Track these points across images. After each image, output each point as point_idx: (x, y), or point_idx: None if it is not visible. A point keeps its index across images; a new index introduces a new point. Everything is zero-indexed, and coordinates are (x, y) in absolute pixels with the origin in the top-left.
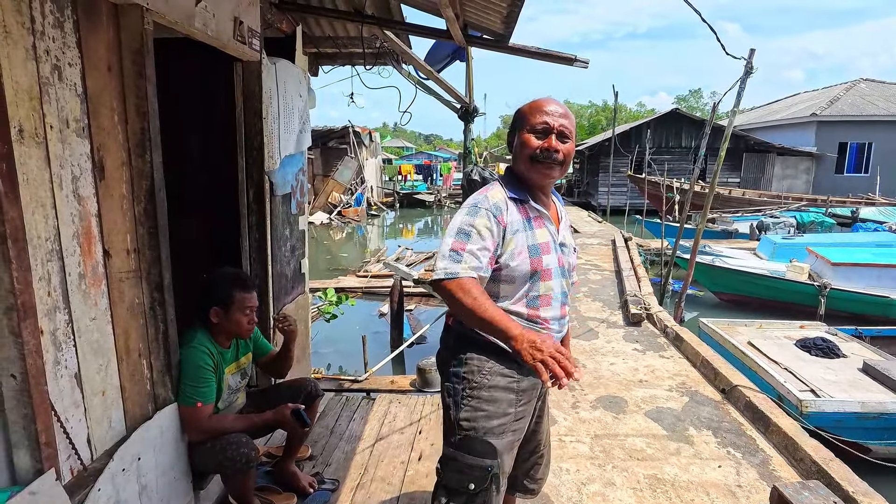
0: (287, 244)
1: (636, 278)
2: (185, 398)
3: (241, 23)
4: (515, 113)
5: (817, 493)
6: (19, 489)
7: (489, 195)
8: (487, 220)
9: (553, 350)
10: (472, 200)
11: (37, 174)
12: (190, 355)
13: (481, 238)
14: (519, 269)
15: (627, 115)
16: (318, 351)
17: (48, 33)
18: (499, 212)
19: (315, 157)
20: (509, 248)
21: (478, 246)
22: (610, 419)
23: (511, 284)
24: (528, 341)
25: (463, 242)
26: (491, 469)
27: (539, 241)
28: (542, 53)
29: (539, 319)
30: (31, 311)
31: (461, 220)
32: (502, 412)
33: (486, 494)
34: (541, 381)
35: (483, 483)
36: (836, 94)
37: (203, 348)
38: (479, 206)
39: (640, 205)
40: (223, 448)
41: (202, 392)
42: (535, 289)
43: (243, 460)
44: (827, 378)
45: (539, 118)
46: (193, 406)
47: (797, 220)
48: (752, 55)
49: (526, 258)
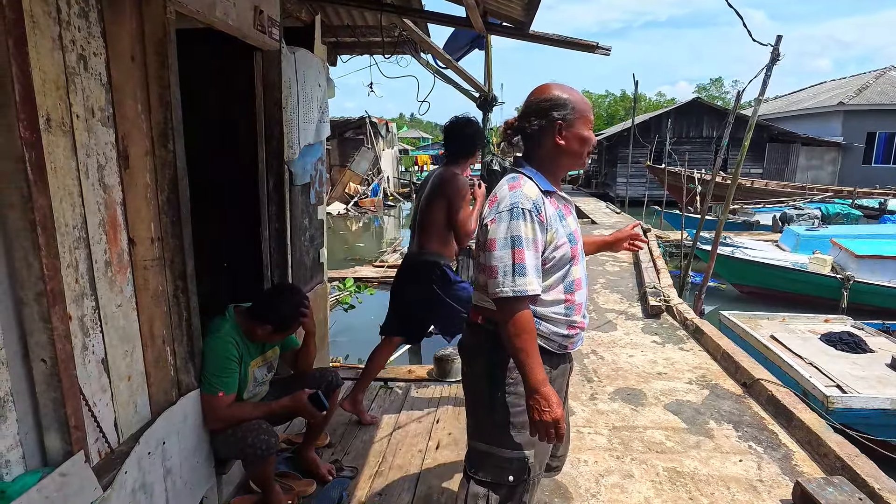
0: (306, 234)
1: (655, 270)
2: (208, 386)
3: (262, 12)
4: (562, 103)
5: (842, 490)
6: (50, 470)
7: (526, 192)
8: (533, 223)
9: (560, 414)
10: (509, 200)
11: (64, 163)
12: (216, 345)
13: (536, 242)
14: (563, 259)
15: (647, 105)
16: (336, 340)
17: (74, 23)
18: (539, 210)
19: (332, 147)
20: (553, 241)
21: (533, 254)
22: (628, 411)
23: (553, 274)
24: (543, 396)
25: (521, 251)
26: (528, 460)
27: (571, 229)
28: (564, 41)
29: (574, 304)
30: (59, 297)
31: (508, 226)
32: None
33: (526, 485)
34: (569, 367)
35: (522, 474)
36: (865, 82)
37: (230, 339)
38: (520, 206)
39: (659, 196)
40: (244, 435)
41: (225, 382)
42: (570, 274)
43: (263, 447)
44: (854, 374)
45: (591, 115)
46: (215, 395)
47: (822, 212)
48: (779, 42)
49: (567, 247)
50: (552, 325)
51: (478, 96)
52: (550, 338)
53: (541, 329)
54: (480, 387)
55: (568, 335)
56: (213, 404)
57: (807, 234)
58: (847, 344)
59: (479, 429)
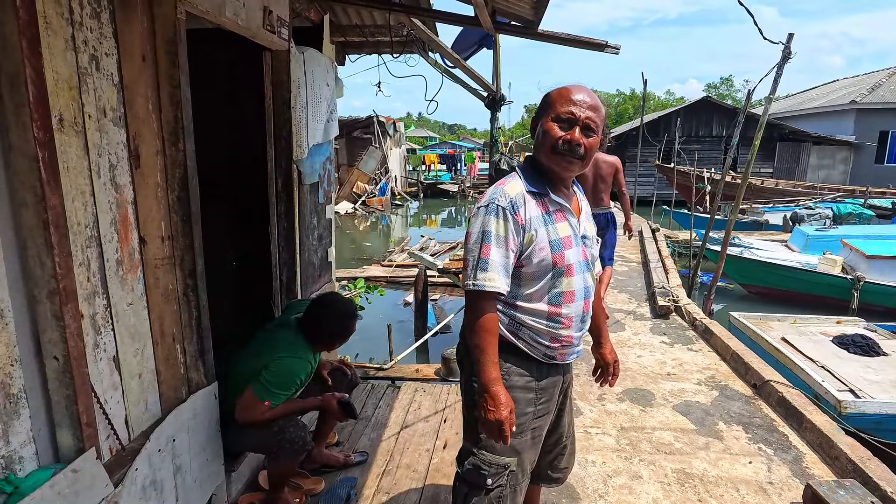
0: (315, 233)
1: (664, 270)
2: (262, 392)
3: (271, 12)
4: (543, 98)
5: (853, 493)
6: (62, 466)
7: (507, 189)
8: (505, 221)
9: (504, 416)
10: (489, 195)
11: (76, 162)
12: (293, 365)
13: (505, 240)
14: (542, 265)
15: (656, 104)
16: None
17: (86, 24)
18: (516, 208)
19: (340, 146)
20: (530, 244)
21: (500, 251)
22: (637, 412)
23: (533, 281)
24: (492, 395)
25: (488, 246)
26: (508, 467)
27: (561, 235)
28: (573, 39)
29: (560, 317)
30: (72, 295)
31: (482, 220)
32: (520, 412)
33: (503, 490)
34: (562, 378)
35: (500, 479)
36: (878, 80)
37: (306, 362)
38: (496, 203)
39: (668, 195)
40: (284, 427)
41: (279, 396)
42: (557, 285)
43: (300, 443)
44: (867, 377)
45: (565, 107)
46: (262, 401)
47: (833, 212)
48: (791, 39)
49: (548, 254)
50: (534, 333)
51: (486, 95)
52: (532, 345)
53: (522, 334)
54: (468, 388)
55: (553, 347)
56: (255, 407)
57: (816, 235)
58: (860, 346)
59: (468, 429)
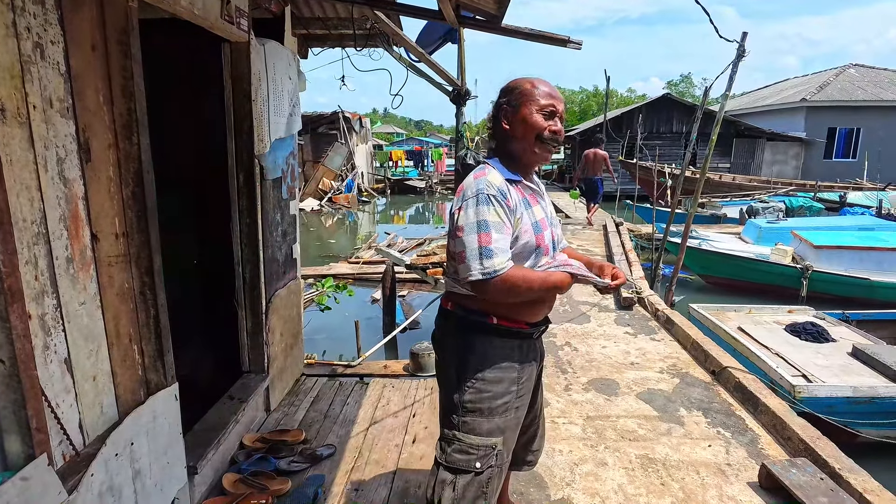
0: (278, 229)
1: (627, 263)
2: None
3: (229, 2)
4: (510, 89)
5: (805, 471)
6: (11, 475)
7: (490, 179)
8: (499, 207)
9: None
10: (474, 187)
11: (21, 155)
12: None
13: (503, 225)
14: (526, 247)
15: (618, 101)
16: (312, 338)
17: (28, 9)
18: (505, 195)
19: (305, 143)
20: (517, 227)
21: (502, 236)
22: (602, 401)
23: (519, 262)
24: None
25: (488, 234)
26: (495, 447)
27: (537, 217)
28: (536, 34)
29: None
30: (18, 294)
31: (475, 211)
32: (505, 391)
33: (492, 472)
34: (537, 367)
35: (489, 461)
36: (826, 79)
37: None
38: (486, 192)
39: (631, 190)
40: None
41: None
42: (539, 264)
43: None
44: (818, 363)
45: (547, 100)
46: None
47: (786, 205)
48: (745, 38)
49: (531, 236)
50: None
51: (451, 90)
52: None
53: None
54: (450, 373)
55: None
56: None
57: (768, 227)
58: (810, 334)
59: (448, 415)
